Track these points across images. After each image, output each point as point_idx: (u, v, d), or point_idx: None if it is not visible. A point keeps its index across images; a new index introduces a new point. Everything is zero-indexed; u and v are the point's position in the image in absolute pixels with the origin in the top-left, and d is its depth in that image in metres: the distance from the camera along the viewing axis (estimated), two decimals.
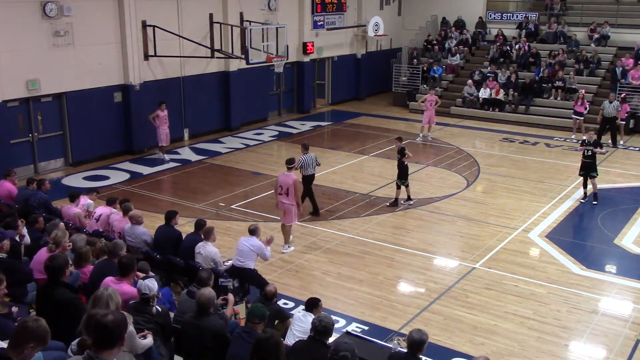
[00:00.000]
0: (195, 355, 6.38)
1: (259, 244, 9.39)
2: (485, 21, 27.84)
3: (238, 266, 9.24)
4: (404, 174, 14.08)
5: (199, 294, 6.44)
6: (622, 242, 12.31)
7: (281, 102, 24.27)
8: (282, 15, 22.41)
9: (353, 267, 11.02)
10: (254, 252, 9.30)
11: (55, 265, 6.22)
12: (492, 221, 13.30)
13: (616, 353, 8.55)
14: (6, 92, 15.19)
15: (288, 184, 11.34)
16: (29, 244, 8.67)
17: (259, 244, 9.38)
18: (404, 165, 14.07)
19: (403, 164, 14.04)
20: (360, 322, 9.19)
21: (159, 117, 17.29)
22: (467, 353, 8.34)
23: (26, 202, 10.76)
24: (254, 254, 9.31)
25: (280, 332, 7.20)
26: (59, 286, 6.16)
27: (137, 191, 15.04)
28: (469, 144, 19.82)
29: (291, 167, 11.55)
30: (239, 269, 9.23)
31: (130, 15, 17.49)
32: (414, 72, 25.87)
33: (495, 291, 10.19)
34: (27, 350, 4.16)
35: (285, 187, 11.37)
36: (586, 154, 14.20)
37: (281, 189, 11.42)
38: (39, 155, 16.40)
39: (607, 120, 19.74)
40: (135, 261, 7.14)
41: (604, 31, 24.55)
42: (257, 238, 9.40)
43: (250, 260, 9.28)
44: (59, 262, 6.28)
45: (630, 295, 10.21)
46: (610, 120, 19.72)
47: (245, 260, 9.25)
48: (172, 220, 9.68)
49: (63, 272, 6.23)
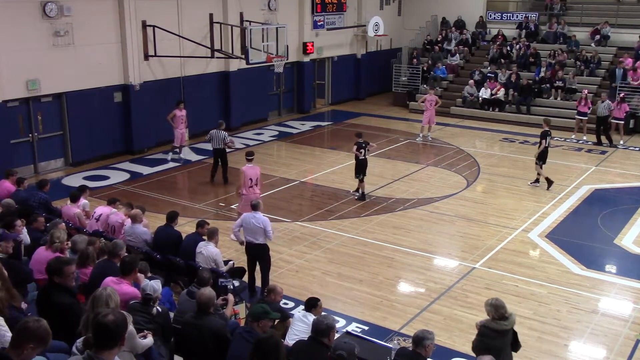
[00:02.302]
0: (195, 355, 6.38)
1: (264, 218, 9.70)
2: (485, 21, 27.85)
3: (250, 242, 9.69)
4: (362, 168, 14.36)
5: (198, 294, 6.44)
6: (622, 242, 12.31)
7: (281, 102, 24.27)
8: (282, 15, 22.41)
9: (353, 267, 11.02)
10: (260, 228, 9.57)
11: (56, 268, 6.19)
12: (492, 221, 13.30)
13: (616, 353, 8.55)
14: (6, 92, 15.19)
15: (257, 175, 11.88)
16: (29, 244, 8.66)
17: (263, 218, 9.68)
18: (359, 160, 14.29)
19: (357, 158, 14.31)
20: (360, 322, 9.19)
21: (176, 117, 17.26)
22: (467, 353, 8.31)
23: (26, 202, 10.75)
24: (261, 229, 9.58)
25: (280, 332, 7.21)
26: (59, 289, 6.12)
27: (137, 191, 15.04)
28: (469, 144, 19.82)
29: (251, 159, 11.93)
30: (251, 246, 9.65)
31: (130, 15, 17.49)
32: (414, 72, 25.88)
33: (495, 291, 10.18)
34: (27, 350, 4.16)
35: (255, 178, 11.84)
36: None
37: (251, 182, 11.79)
38: (39, 155, 16.40)
39: (600, 120, 19.88)
40: (137, 261, 7.15)
41: (604, 31, 24.56)
42: (260, 212, 9.72)
43: (260, 236, 9.63)
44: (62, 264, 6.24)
45: (630, 295, 10.21)
46: (602, 120, 19.82)
47: (256, 236, 9.63)
48: (173, 221, 9.70)
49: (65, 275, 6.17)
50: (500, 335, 6.56)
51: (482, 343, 6.53)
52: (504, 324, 6.57)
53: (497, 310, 6.57)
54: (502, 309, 6.57)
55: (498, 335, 6.54)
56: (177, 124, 17.31)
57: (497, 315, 6.57)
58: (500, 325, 6.55)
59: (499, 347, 6.46)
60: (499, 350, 6.43)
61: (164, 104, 17.73)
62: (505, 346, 6.64)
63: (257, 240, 9.66)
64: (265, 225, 9.59)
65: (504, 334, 6.60)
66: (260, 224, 9.57)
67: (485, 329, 6.59)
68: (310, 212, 13.83)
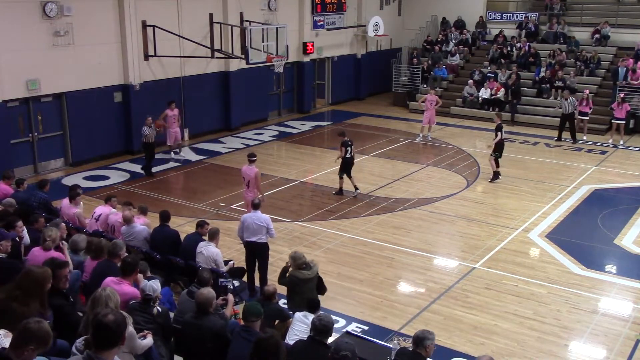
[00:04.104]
0: (195, 355, 6.38)
1: (265, 217, 9.78)
2: (486, 21, 27.84)
3: (251, 241, 9.68)
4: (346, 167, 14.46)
5: (198, 294, 6.44)
6: (622, 242, 12.31)
7: (281, 102, 24.27)
8: (282, 15, 22.41)
9: (353, 267, 11.02)
10: (263, 226, 9.66)
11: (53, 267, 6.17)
12: (492, 221, 13.30)
13: (616, 353, 8.55)
14: (6, 92, 15.20)
15: (250, 176, 11.85)
16: (29, 244, 8.65)
17: (264, 217, 9.77)
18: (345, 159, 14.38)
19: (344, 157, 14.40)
20: (360, 322, 9.19)
21: (168, 117, 17.28)
22: (467, 353, 8.34)
23: (26, 202, 10.74)
24: (264, 228, 9.67)
25: (281, 332, 7.20)
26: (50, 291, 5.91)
27: (137, 191, 15.04)
28: (469, 144, 19.82)
29: (253, 161, 11.93)
30: (253, 244, 9.67)
31: (130, 15, 17.49)
32: (414, 72, 25.87)
33: (495, 291, 10.20)
34: (27, 352, 4.15)
35: (247, 179, 11.85)
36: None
37: (244, 180, 11.86)
38: (39, 155, 16.40)
39: (565, 117, 19.98)
40: (139, 262, 7.15)
41: (604, 31, 24.55)
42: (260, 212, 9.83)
43: (262, 235, 9.71)
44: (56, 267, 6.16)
45: (630, 295, 10.21)
46: (567, 117, 19.94)
47: (258, 235, 9.68)
48: (168, 220, 9.76)
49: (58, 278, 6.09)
50: (303, 282, 7.99)
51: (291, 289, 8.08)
52: (307, 273, 8.02)
53: (296, 261, 8.05)
54: (300, 259, 8.04)
55: (301, 282, 7.98)
56: (169, 123, 17.33)
57: (297, 266, 8.04)
58: (302, 275, 8.01)
59: (304, 291, 7.94)
60: (304, 293, 7.88)
61: (164, 104, 17.71)
62: (310, 290, 8.04)
63: (260, 240, 9.73)
64: (267, 224, 9.72)
65: (307, 281, 8.02)
66: (263, 222, 9.69)
67: (292, 277, 8.07)
68: (310, 212, 13.83)
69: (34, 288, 5.52)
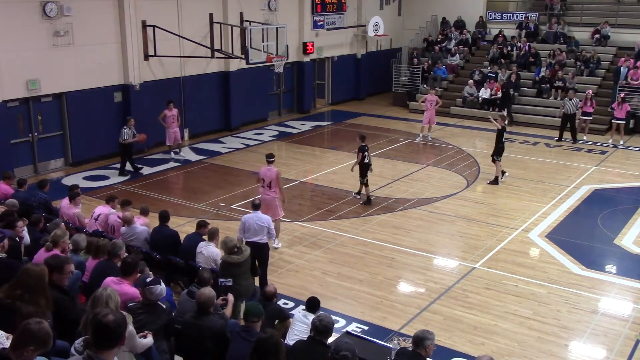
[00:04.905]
0: (195, 355, 6.38)
1: (266, 217, 9.88)
2: (486, 21, 27.85)
3: (252, 241, 9.64)
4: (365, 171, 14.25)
5: (198, 294, 6.45)
6: (622, 242, 12.31)
7: (281, 102, 24.27)
8: (282, 15, 22.41)
9: (353, 267, 11.02)
10: (264, 227, 9.74)
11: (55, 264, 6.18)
12: (492, 221, 13.30)
13: (616, 353, 8.55)
14: (6, 92, 15.20)
15: (271, 177, 11.69)
16: (29, 244, 8.66)
17: (266, 217, 9.86)
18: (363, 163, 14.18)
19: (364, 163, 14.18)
20: (360, 322, 9.19)
21: (167, 117, 17.28)
22: (467, 353, 8.34)
23: (26, 202, 10.75)
24: (265, 228, 9.75)
25: (281, 332, 7.21)
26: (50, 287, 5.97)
27: (137, 191, 15.04)
28: (469, 144, 19.82)
29: (271, 161, 11.82)
30: (254, 245, 9.59)
31: (130, 15, 17.49)
32: (414, 72, 25.87)
33: (495, 291, 10.20)
34: (27, 352, 4.14)
35: (268, 180, 11.71)
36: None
37: (263, 182, 11.74)
38: (39, 155, 16.40)
39: (566, 117, 19.95)
40: (139, 262, 7.15)
41: (604, 31, 24.55)
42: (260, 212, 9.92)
43: (264, 235, 9.78)
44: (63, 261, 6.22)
45: (630, 295, 10.21)
46: (569, 117, 19.91)
47: (260, 236, 9.74)
48: (167, 220, 9.75)
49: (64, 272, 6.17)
50: (235, 266, 8.24)
51: (222, 274, 8.25)
52: (236, 258, 8.27)
53: (226, 246, 8.32)
54: (231, 243, 8.31)
55: (233, 266, 8.24)
56: (168, 123, 17.34)
57: (228, 250, 8.30)
58: (232, 259, 8.26)
59: (236, 274, 8.21)
60: (238, 276, 8.20)
61: (164, 104, 17.71)
62: (243, 273, 8.34)
63: (261, 240, 9.76)
64: (269, 224, 9.78)
65: (239, 265, 8.28)
66: (264, 223, 9.75)
67: (223, 262, 8.37)
68: (310, 212, 13.83)
69: (36, 285, 5.53)
